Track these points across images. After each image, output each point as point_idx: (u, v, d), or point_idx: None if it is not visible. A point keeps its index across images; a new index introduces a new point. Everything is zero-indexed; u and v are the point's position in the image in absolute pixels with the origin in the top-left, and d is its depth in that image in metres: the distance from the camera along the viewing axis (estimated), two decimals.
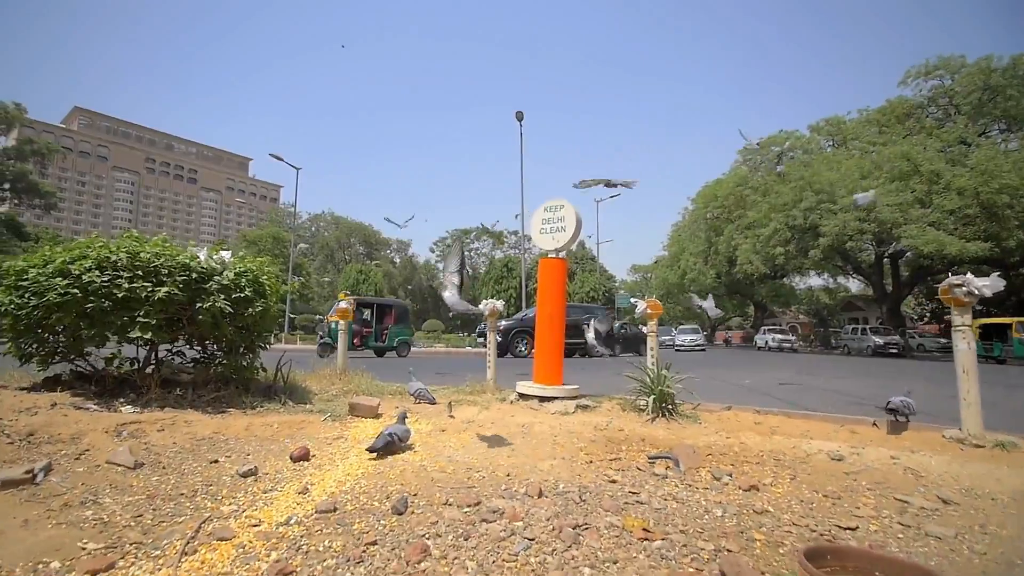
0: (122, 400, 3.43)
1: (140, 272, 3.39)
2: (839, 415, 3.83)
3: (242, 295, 3.74)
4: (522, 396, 4.22)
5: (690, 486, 2.43)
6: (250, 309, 3.77)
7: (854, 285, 44.44)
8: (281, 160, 28.97)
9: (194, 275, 3.54)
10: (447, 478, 2.50)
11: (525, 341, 15.35)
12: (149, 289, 3.33)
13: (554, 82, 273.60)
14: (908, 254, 28.96)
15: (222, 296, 3.60)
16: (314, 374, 5.32)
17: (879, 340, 25.34)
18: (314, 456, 2.89)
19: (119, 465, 2.54)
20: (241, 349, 4.16)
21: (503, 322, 16.29)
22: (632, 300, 4.40)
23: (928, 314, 41.27)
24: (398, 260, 63.13)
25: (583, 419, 3.70)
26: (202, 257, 3.75)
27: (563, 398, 4.04)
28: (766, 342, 32.01)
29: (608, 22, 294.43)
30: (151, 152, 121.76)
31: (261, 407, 3.77)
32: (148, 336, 3.33)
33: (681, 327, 34.08)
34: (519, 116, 27.98)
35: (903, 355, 24.39)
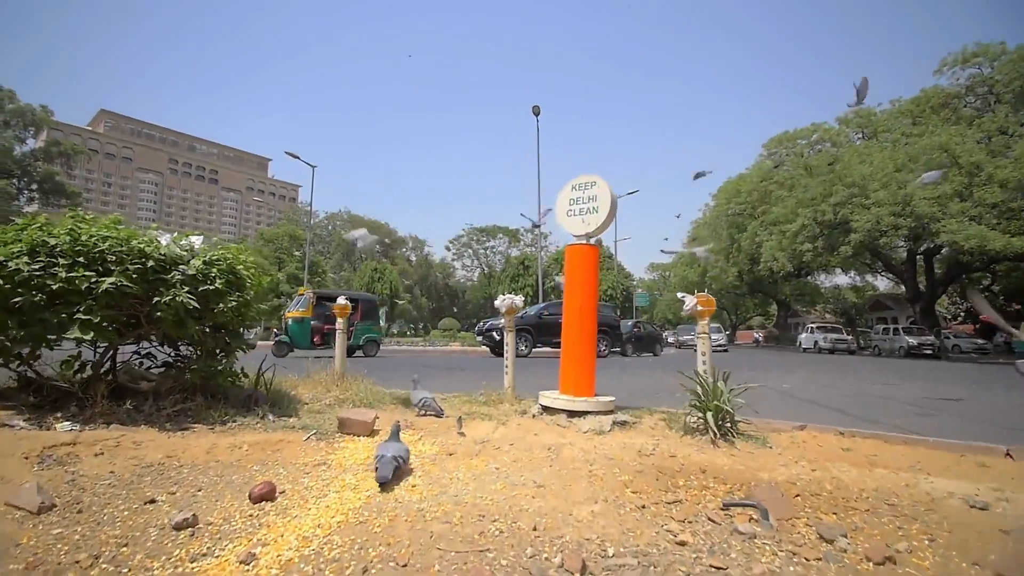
0: (60, 415, 2.84)
1: (82, 259, 2.78)
2: (952, 440, 3.06)
3: (212, 288, 3.12)
4: (546, 409, 3.54)
5: (794, 554, 1.72)
6: (221, 304, 3.15)
7: (882, 283, 42.86)
8: (297, 158, 28.75)
9: (151, 263, 2.93)
10: (451, 533, 1.83)
11: (525, 340, 14.75)
12: (92, 280, 2.72)
13: (570, 81, 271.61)
14: (944, 250, 27.57)
15: (186, 289, 2.98)
16: (308, 379, 4.70)
17: (912, 341, 23.98)
18: (283, 493, 2.24)
19: (19, 509, 1.91)
20: (217, 352, 3.55)
21: (502, 320, 15.42)
22: (680, 295, 3.69)
23: (962, 313, 39.51)
24: (414, 258, 62.84)
25: (623, 440, 3.00)
26: (163, 242, 3.14)
27: (596, 413, 3.34)
28: (815, 343, 28.06)
29: (624, 18, 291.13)
30: (174, 153, 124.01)
31: (234, 422, 3.14)
32: (89, 337, 2.72)
33: None
34: (536, 111, 27.25)
35: (938, 356, 23.10)
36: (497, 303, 4.35)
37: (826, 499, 2.27)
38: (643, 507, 2.14)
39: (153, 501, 2.10)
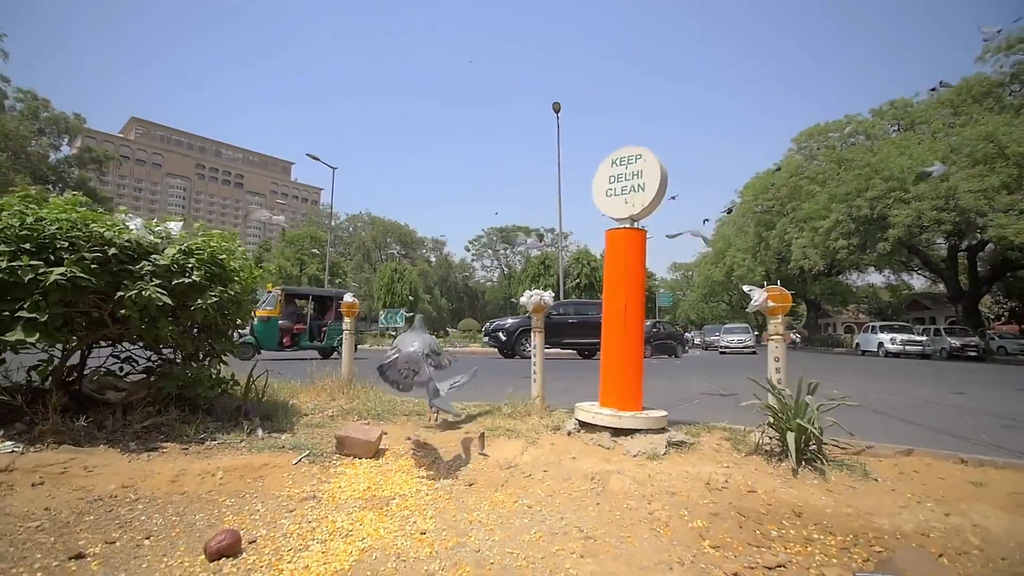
0: (3, 432, 2.37)
1: (28, 246, 2.31)
2: None
3: (188, 280, 2.63)
4: (584, 426, 2.96)
5: None
6: (200, 300, 2.65)
7: (918, 282, 41.05)
8: (318, 160, 28.70)
9: (113, 251, 2.45)
10: None
11: (531, 341, 14.01)
12: (39, 271, 2.25)
13: (590, 81, 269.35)
14: (989, 246, 26.10)
15: (156, 282, 2.50)
16: (311, 386, 4.20)
17: (955, 342, 22.64)
18: (253, 543, 1.72)
19: None
20: (200, 356, 3.07)
21: (509, 320, 15.02)
22: (746, 288, 3.07)
23: (1007, 313, 37.57)
24: (433, 259, 62.73)
25: (684, 467, 2.41)
26: (132, 227, 2.65)
27: (647, 431, 2.75)
28: (879, 344, 23.93)
29: (641, 17, 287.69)
30: (201, 159, 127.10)
31: (213, 440, 2.64)
32: (34, 339, 2.25)
33: (726, 326, 29.36)
34: (556, 107, 26.63)
35: (983, 358, 21.75)
36: (523, 299, 3.79)
37: (981, 562, 1.66)
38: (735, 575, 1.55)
39: (81, 556, 1.60)
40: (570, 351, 16.38)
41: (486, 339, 16.25)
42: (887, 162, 26.14)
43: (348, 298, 4.29)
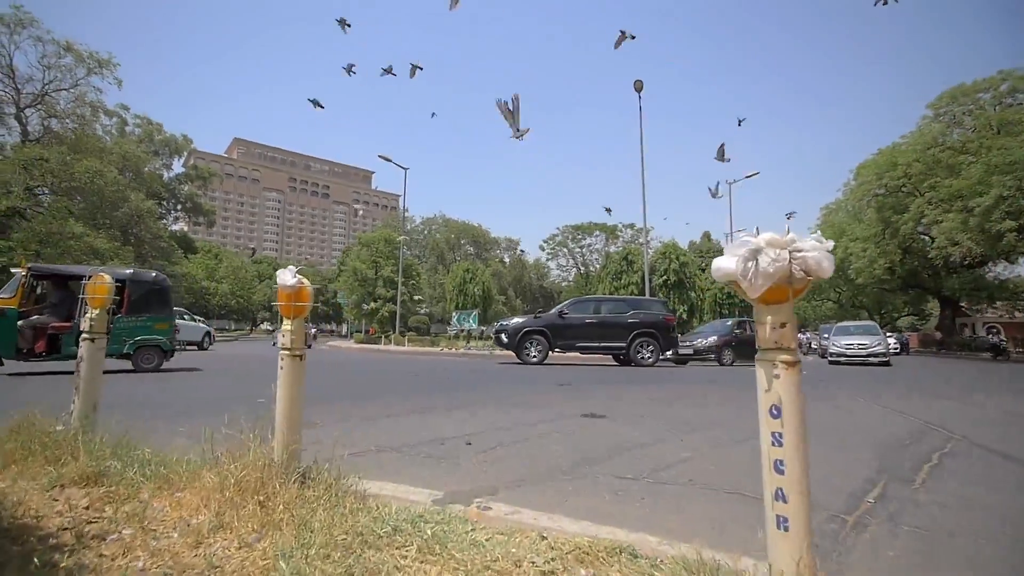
0: None
1: None
2: None
3: None
4: None
5: None
6: None
7: None
8: (389, 161, 28.17)
9: None
10: None
11: (538, 345, 12.30)
12: None
13: (674, 63, 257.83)
14: None
15: None
16: (200, 479, 1.91)
17: None
18: None
19: None
20: None
21: (514, 320, 13.41)
22: None
23: None
24: (507, 259, 61.09)
25: None
26: None
27: None
28: None
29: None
30: (293, 172, 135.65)
31: None
32: None
33: (840, 325, 19.29)
34: (638, 86, 23.68)
35: None
36: (721, 262, 1.29)
37: None
38: None
39: None
40: (580, 356, 14.45)
41: (493, 340, 14.58)
42: None
43: (286, 278, 1.92)
